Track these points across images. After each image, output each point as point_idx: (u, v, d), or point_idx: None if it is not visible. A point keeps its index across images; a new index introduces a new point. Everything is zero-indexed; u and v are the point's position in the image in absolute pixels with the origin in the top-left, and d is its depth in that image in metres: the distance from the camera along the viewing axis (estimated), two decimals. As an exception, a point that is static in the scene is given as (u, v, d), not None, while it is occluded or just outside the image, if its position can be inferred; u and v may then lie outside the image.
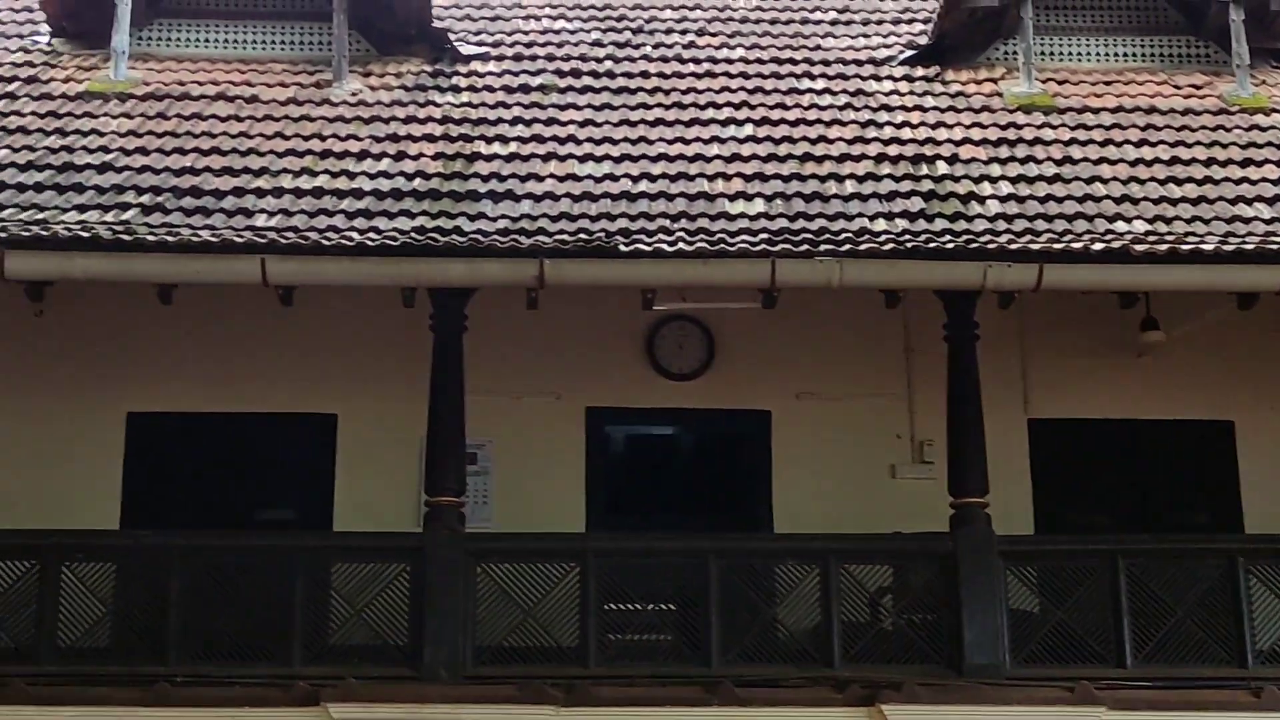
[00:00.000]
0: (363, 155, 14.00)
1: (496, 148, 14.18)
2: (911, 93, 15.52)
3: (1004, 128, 14.74)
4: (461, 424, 12.63)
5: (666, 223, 12.83)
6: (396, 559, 12.43)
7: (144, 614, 12.40)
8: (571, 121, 14.73)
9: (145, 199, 13.04)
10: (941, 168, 13.95)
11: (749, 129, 14.63)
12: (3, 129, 14.22)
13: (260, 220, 12.71)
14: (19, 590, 12.28)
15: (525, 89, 15.39)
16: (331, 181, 13.49)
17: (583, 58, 16.04)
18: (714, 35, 16.69)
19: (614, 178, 13.71)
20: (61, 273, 12.09)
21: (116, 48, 15.39)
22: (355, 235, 12.33)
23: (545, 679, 12.05)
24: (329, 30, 15.76)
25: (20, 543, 12.51)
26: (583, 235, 12.42)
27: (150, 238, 12.04)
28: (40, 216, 12.55)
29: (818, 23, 17.12)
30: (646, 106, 15.06)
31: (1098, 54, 16.26)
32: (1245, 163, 14.16)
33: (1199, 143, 14.55)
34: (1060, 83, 15.70)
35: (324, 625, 12.45)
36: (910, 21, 17.08)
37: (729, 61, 16.06)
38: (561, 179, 13.67)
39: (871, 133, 14.58)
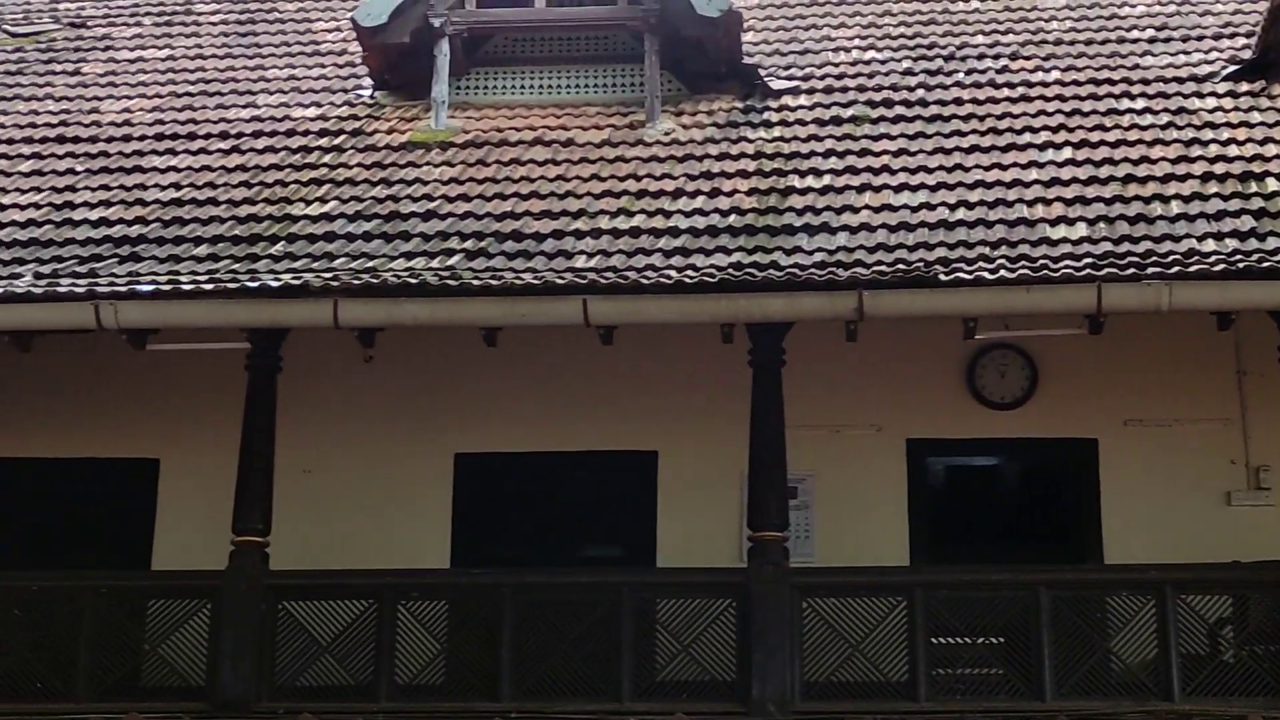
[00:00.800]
0: (678, 193, 14.10)
1: (810, 181, 14.15)
2: (1236, 109, 15.02)
3: (1336, 141, 14.21)
4: (782, 458, 12.59)
5: (986, 250, 12.66)
6: (722, 594, 12.46)
7: (476, 651, 12.64)
8: (885, 151, 14.61)
9: (469, 244, 13.32)
10: (1271, 185, 13.46)
11: (1068, 152, 14.35)
12: (332, 181, 14.69)
13: (580, 262, 12.88)
14: (358, 629, 12.61)
15: (837, 121, 15.32)
16: (648, 221, 13.62)
17: (894, 87, 15.90)
18: (1028, 59, 16.40)
19: (930, 206, 13.57)
20: (391, 319, 12.44)
21: (436, 98, 15.81)
22: (673, 273, 12.42)
23: (874, 714, 11.96)
24: (641, 72, 15.95)
25: (359, 583, 12.89)
26: (901, 266, 12.31)
27: (475, 282, 12.30)
28: (370, 265, 12.93)
29: (1135, 41, 16.70)
30: (961, 134, 14.88)
31: None
32: None
33: None
34: (1395, 92, 15.10)
35: (651, 661, 12.55)
36: (1232, 36, 16.54)
37: (1044, 85, 15.77)
38: (877, 210, 13.58)
39: (1196, 151, 14.17)
